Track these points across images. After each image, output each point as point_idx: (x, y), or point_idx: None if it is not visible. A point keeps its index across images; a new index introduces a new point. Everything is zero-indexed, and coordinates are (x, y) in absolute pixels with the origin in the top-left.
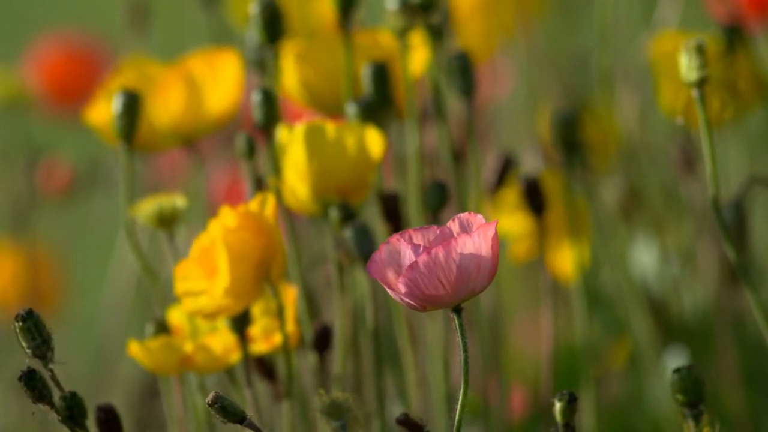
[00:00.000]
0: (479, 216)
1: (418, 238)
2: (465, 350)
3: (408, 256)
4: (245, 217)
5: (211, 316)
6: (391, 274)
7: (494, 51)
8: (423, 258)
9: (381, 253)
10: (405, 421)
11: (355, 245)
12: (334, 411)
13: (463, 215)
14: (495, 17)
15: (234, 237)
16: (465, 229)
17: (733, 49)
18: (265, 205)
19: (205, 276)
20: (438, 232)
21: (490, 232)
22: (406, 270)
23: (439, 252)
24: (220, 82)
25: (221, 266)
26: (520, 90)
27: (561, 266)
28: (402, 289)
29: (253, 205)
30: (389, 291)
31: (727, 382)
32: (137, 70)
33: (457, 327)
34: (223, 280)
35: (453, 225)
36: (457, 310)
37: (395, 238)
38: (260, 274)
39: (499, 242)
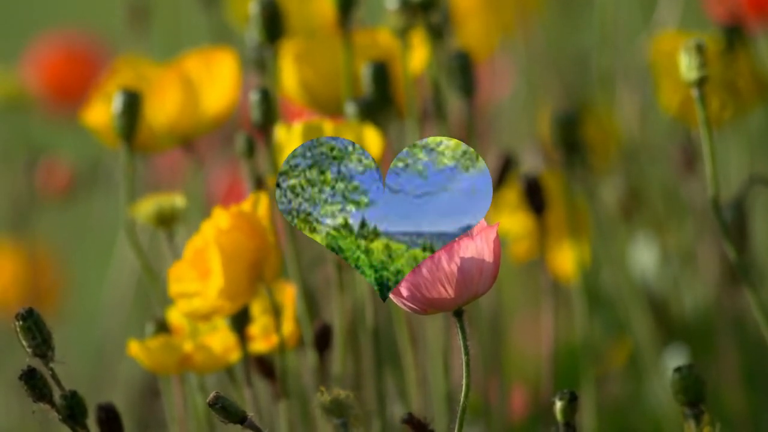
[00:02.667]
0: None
1: None
2: (467, 353)
3: None
4: (238, 217)
5: (205, 317)
6: None
7: (494, 50)
8: (426, 263)
9: None
10: (409, 420)
11: None
12: (336, 409)
13: None
14: (495, 16)
15: (227, 238)
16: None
17: (733, 49)
18: (258, 206)
19: (198, 277)
20: None
21: (492, 235)
22: (409, 275)
23: (442, 256)
24: (216, 81)
25: (214, 267)
26: (520, 90)
27: (561, 266)
28: (404, 293)
29: (246, 205)
30: (390, 295)
31: (727, 382)
32: (133, 70)
33: (459, 330)
34: (216, 281)
35: None
36: (458, 313)
37: None
38: (254, 275)
39: (500, 245)
